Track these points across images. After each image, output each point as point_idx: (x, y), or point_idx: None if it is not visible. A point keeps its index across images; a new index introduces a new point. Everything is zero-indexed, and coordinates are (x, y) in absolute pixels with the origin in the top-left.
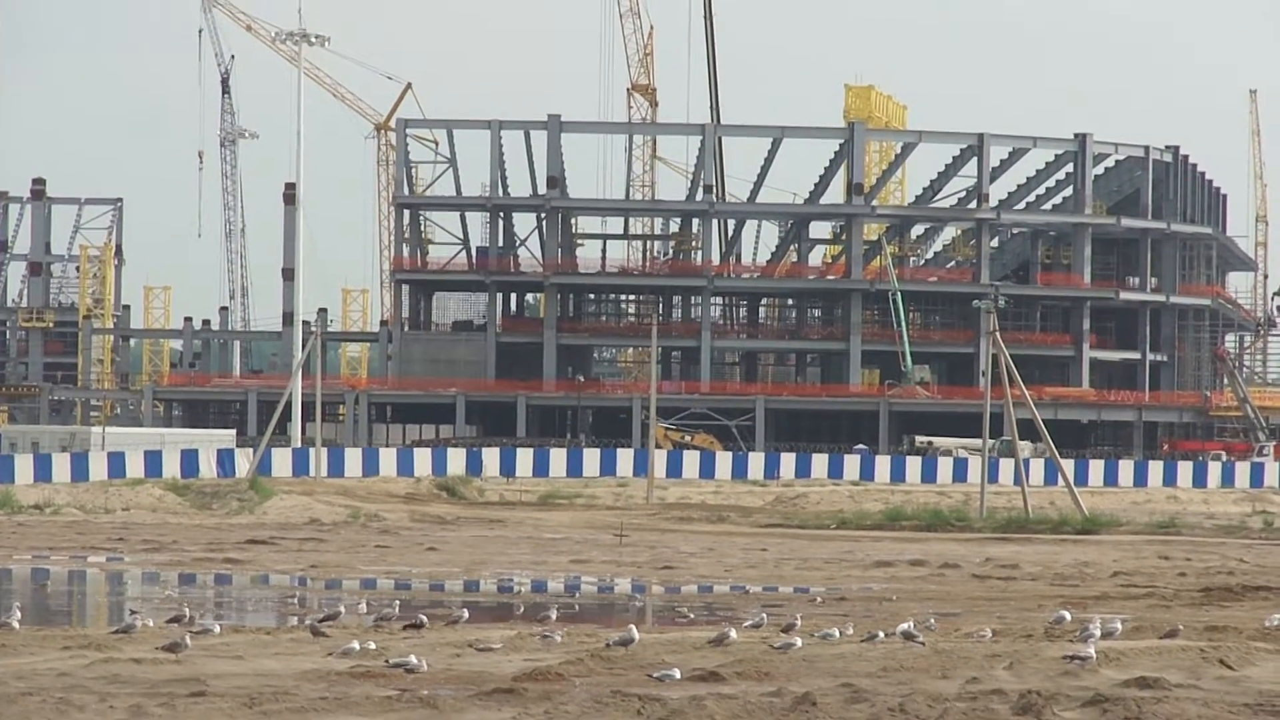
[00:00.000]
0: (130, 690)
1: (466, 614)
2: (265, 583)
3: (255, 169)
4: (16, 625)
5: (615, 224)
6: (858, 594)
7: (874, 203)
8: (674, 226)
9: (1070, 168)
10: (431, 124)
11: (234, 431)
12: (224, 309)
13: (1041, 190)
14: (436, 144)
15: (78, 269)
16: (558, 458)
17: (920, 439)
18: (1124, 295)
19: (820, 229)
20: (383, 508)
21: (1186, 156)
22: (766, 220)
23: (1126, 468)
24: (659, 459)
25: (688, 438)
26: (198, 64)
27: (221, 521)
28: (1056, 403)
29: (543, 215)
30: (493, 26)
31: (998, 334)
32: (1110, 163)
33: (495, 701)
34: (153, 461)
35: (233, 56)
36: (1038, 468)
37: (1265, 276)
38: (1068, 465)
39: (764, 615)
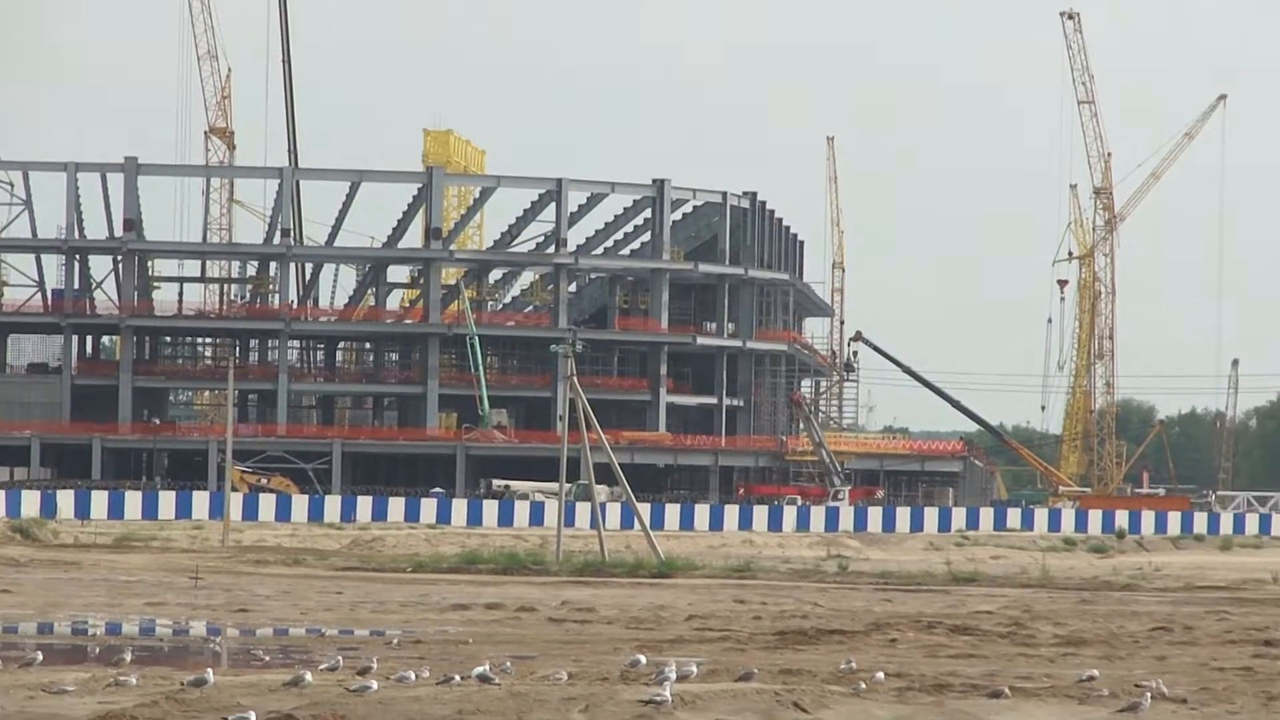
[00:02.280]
0: None
1: (40, 656)
2: None
3: None
4: None
5: (192, 267)
6: (434, 637)
7: (452, 247)
8: (251, 270)
9: (648, 213)
10: (6, 166)
11: None
12: None
13: (620, 236)
14: (12, 185)
15: None
16: (133, 500)
17: (497, 483)
18: (701, 340)
19: (398, 273)
20: None
21: (764, 203)
22: (344, 264)
23: (703, 511)
24: (235, 502)
25: (264, 480)
26: None
27: None
28: (633, 447)
29: (119, 258)
30: (70, 66)
31: (575, 378)
32: (688, 208)
33: None
34: None
35: None
36: (614, 511)
37: (842, 322)
38: (644, 509)
39: (340, 658)
